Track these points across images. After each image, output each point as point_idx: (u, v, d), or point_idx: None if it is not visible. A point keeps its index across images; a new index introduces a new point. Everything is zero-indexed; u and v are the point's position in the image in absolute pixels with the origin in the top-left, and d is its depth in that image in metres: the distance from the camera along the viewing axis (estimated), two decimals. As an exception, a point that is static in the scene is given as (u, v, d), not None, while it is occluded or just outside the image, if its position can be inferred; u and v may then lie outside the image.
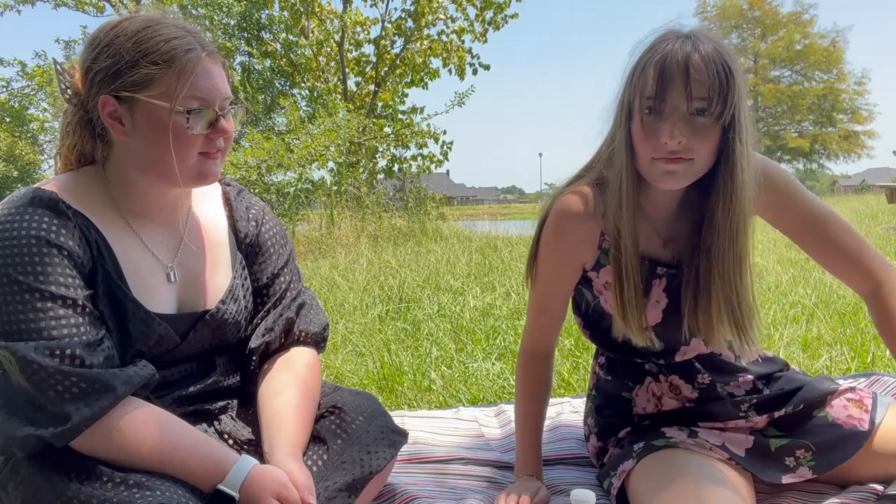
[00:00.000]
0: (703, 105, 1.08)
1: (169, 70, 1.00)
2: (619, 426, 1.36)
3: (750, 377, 1.33)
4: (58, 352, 0.92)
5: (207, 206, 1.23)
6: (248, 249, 1.25)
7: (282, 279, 1.26)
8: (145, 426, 0.96)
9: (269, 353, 1.24)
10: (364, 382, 2.55)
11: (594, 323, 1.37)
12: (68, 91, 1.07)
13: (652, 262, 1.25)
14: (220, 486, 0.96)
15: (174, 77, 1.00)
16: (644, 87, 1.10)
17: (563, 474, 1.44)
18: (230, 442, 1.15)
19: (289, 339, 1.25)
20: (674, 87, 1.08)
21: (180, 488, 0.94)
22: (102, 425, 0.93)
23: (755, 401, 1.29)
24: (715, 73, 1.07)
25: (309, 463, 1.10)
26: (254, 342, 1.22)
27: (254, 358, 1.22)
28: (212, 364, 1.18)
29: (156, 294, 1.09)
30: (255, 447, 1.14)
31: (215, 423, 1.17)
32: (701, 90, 1.07)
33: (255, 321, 1.24)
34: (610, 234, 1.23)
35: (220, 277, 1.18)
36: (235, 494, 0.96)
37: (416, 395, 2.39)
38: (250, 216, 1.26)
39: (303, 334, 1.26)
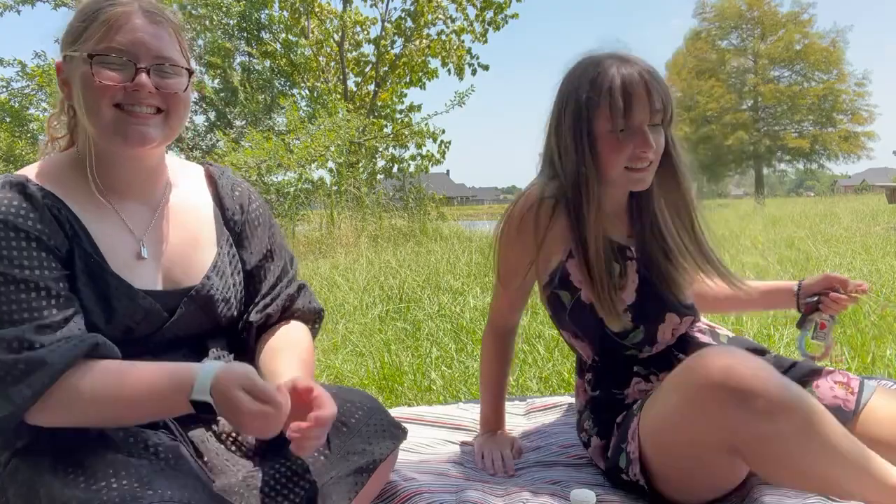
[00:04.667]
0: (660, 115, 1.30)
1: (92, 24, 1.03)
2: (615, 417, 1.39)
3: None
4: (4, 342, 0.93)
5: (189, 184, 1.23)
6: (236, 228, 1.25)
7: (276, 262, 1.28)
8: (104, 378, 0.96)
9: (267, 327, 1.25)
10: (364, 382, 2.55)
11: (580, 322, 1.41)
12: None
13: (621, 248, 1.41)
14: (193, 397, 0.94)
15: (94, 29, 1.02)
16: (610, 110, 1.27)
17: (562, 475, 1.44)
18: (228, 442, 1.14)
19: (286, 314, 1.27)
20: (640, 105, 1.27)
21: (178, 489, 0.93)
22: (57, 395, 0.93)
23: None
24: (660, 85, 1.29)
25: (311, 459, 1.09)
26: (254, 316, 1.23)
27: (252, 331, 1.23)
28: (204, 349, 1.17)
29: (136, 270, 1.09)
30: (259, 450, 1.13)
31: (214, 427, 1.16)
32: (657, 103, 1.28)
33: (254, 300, 1.25)
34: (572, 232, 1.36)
35: (204, 254, 1.19)
36: (209, 398, 0.94)
37: (416, 395, 2.39)
38: (235, 196, 1.27)
39: (300, 311, 1.28)
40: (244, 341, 1.24)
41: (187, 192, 1.21)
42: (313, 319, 1.30)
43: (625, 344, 1.38)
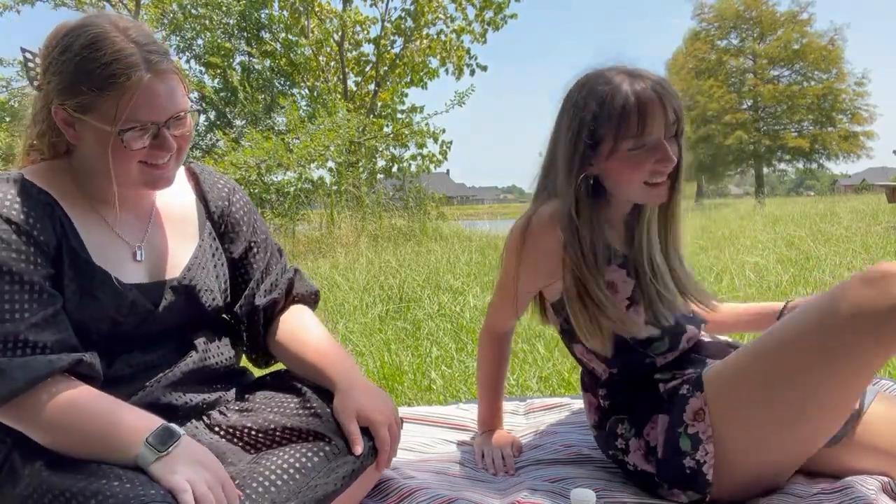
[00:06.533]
0: (675, 126, 1.27)
1: (109, 96, 1.02)
2: (652, 411, 1.32)
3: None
4: None
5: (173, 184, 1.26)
6: (220, 220, 1.30)
7: (262, 251, 1.33)
8: (67, 398, 0.98)
9: (272, 314, 1.31)
10: (364, 382, 2.55)
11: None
12: (36, 80, 1.11)
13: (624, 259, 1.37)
14: (168, 424, 0.98)
15: (113, 102, 1.02)
16: (624, 127, 1.24)
17: (562, 473, 1.44)
18: (222, 433, 1.17)
19: (288, 298, 1.34)
20: (655, 119, 1.24)
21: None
22: (24, 405, 0.97)
23: None
24: (673, 96, 1.25)
25: (310, 454, 1.11)
26: (259, 300, 1.29)
27: (259, 314, 1.29)
28: (190, 343, 1.19)
29: (122, 267, 1.13)
30: (247, 437, 1.15)
31: (204, 417, 1.18)
32: (672, 115, 1.25)
33: (245, 288, 1.30)
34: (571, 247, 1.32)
35: (186, 248, 1.22)
36: (181, 431, 0.98)
37: (416, 394, 2.39)
38: (217, 189, 1.32)
39: (300, 295, 1.37)
40: (250, 325, 1.30)
41: (171, 191, 1.24)
42: (312, 300, 1.41)
43: (648, 353, 1.34)
